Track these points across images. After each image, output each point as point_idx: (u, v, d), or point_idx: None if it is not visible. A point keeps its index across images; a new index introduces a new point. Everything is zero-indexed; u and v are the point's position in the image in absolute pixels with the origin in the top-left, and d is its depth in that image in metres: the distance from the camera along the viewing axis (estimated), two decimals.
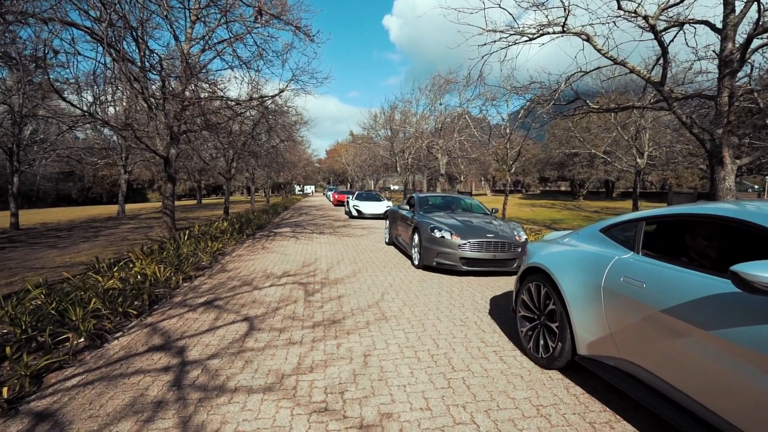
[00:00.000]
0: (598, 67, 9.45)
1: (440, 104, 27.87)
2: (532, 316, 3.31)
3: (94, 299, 4.76)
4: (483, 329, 4.05)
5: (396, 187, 74.02)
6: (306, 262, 7.76)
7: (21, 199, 43.46)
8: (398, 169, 32.64)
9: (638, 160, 23.74)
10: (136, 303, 5.08)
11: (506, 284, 6.06)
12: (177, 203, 44.46)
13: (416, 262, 7.08)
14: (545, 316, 3.11)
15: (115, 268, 6.53)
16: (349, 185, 70.71)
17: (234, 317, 4.45)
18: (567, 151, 32.06)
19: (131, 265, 6.82)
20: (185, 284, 6.25)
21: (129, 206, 36.28)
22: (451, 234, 6.37)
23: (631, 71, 8.70)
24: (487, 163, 40.35)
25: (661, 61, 9.30)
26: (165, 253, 7.76)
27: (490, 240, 6.26)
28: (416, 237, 7.14)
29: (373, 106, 72.48)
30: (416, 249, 7.13)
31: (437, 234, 6.49)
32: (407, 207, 8.65)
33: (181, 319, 4.47)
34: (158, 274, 6.04)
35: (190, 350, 3.54)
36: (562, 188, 69.90)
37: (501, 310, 4.74)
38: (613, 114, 24.52)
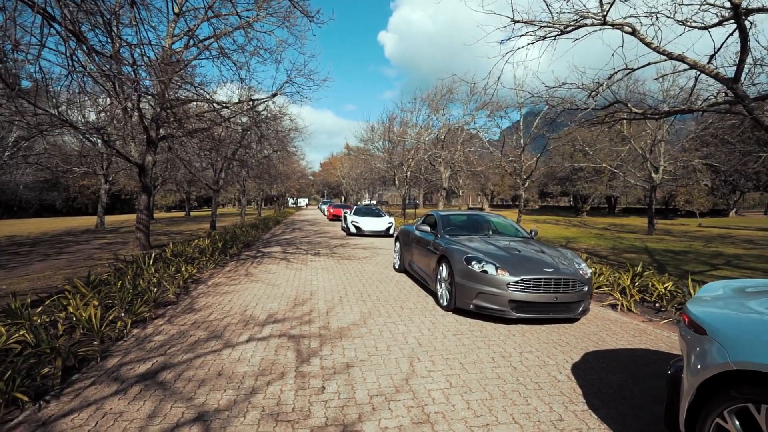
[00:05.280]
0: (648, 63, 7.99)
1: (443, 114, 26.58)
2: None
3: None
4: None
5: (386, 201, 72.59)
6: (299, 299, 6.06)
7: (0, 209, 41.32)
8: (396, 182, 31.09)
9: (653, 175, 22.42)
10: (45, 371, 3.39)
11: (574, 336, 4.42)
12: (164, 215, 42.52)
13: (444, 302, 5.39)
14: None
15: (39, 309, 4.82)
16: (343, 198, 68.91)
17: (181, 412, 2.76)
18: (575, 165, 30.73)
19: (65, 303, 5.11)
20: (134, 331, 4.57)
21: (113, 218, 34.38)
22: (497, 268, 4.70)
23: (692, 67, 7.21)
24: (487, 176, 39.00)
25: (717, 55, 7.94)
26: (120, 282, 6.05)
27: (550, 277, 4.60)
28: (444, 269, 5.46)
29: (369, 119, 71.17)
30: (444, 284, 5.45)
31: (476, 267, 4.81)
32: (426, 228, 6.88)
33: (99, 411, 2.78)
34: (93, 321, 4.33)
35: None
36: (561, 203, 68.79)
37: (603, 395, 3.08)
38: (626, 125, 23.34)
